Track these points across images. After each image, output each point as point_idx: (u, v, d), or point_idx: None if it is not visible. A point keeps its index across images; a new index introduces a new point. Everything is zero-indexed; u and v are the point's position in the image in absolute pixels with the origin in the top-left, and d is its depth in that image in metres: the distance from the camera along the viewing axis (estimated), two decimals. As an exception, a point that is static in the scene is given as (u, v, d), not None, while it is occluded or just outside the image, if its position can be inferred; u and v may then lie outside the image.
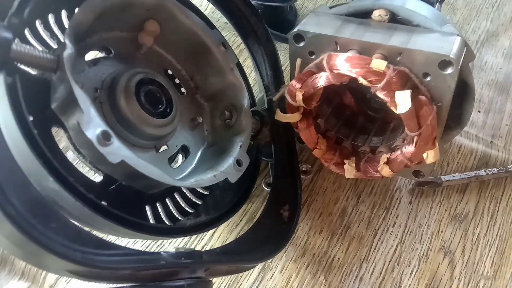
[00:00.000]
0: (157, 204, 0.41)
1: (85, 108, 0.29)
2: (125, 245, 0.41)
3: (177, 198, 0.43)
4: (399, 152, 0.41)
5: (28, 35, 0.33)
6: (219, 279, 0.46)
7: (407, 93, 0.36)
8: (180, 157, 0.45)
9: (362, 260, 0.48)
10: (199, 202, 0.44)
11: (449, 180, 0.53)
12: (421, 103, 0.37)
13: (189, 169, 0.43)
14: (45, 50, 0.30)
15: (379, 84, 0.36)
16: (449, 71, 0.36)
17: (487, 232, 0.51)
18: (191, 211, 0.43)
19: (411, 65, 0.37)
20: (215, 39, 0.44)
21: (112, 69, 0.39)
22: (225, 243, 0.43)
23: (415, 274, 0.48)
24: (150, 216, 0.40)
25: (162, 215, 0.41)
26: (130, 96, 0.36)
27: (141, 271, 0.31)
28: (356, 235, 0.50)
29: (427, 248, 0.50)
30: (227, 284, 0.46)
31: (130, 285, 0.31)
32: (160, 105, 0.39)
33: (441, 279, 0.48)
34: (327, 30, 0.40)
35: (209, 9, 0.61)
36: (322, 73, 0.40)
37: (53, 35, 0.35)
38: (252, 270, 0.47)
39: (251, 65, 0.53)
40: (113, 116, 0.36)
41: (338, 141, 0.49)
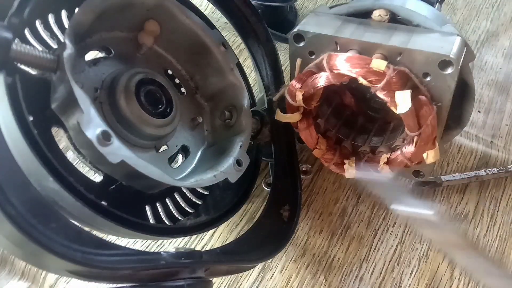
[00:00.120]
0: (157, 204, 0.41)
1: (85, 108, 0.29)
2: (125, 245, 0.41)
3: (177, 198, 0.43)
4: (399, 152, 0.41)
5: (28, 35, 0.33)
6: (219, 279, 0.46)
7: (407, 93, 0.36)
8: (180, 157, 0.45)
9: (362, 260, 0.48)
10: (199, 202, 0.44)
11: (449, 180, 0.53)
12: (421, 103, 0.37)
13: (189, 169, 0.43)
14: (45, 50, 0.30)
15: (379, 84, 0.36)
16: (449, 71, 0.36)
17: (487, 232, 0.51)
18: (191, 211, 0.43)
19: (411, 65, 0.37)
20: (215, 39, 0.44)
21: (112, 69, 0.39)
22: (225, 243, 0.43)
23: (415, 274, 0.48)
24: (150, 216, 0.40)
25: (162, 215, 0.41)
26: (130, 96, 0.36)
27: (141, 271, 0.31)
28: (356, 235, 0.50)
29: (427, 248, 0.49)
30: (227, 284, 0.46)
31: (130, 285, 0.31)
32: (160, 105, 0.39)
33: (441, 279, 0.48)
34: (327, 30, 0.40)
35: (209, 9, 0.61)
36: (322, 73, 0.40)
37: (53, 35, 0.35)
38: (252, 270, 0.47)
39: (251, 65, 0.53)
40: (113, 116, 0.36)
41: (338, 141, 0.49)
